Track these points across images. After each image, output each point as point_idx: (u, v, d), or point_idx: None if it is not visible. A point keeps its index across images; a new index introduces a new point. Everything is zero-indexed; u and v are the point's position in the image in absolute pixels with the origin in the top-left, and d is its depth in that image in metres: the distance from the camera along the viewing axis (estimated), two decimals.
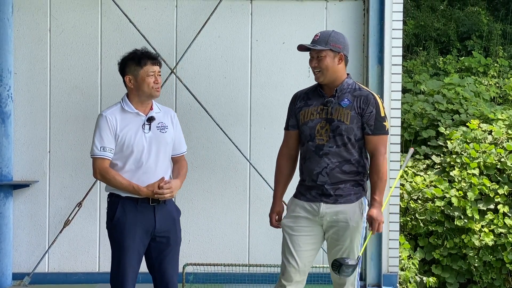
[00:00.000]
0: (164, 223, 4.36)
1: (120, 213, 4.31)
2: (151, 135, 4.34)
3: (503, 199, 6.91)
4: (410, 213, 7.07)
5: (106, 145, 4.29)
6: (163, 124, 4.39)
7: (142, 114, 4.35)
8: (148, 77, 4.31)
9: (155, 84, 4.32)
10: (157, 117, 4.38)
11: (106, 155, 4.29)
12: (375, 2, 5.85)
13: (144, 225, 4.31)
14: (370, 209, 4.21)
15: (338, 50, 4.22)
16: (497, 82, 9.44)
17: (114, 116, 4.33)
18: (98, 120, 4.36)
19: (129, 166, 4.31)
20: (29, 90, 5.94)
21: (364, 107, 4.21)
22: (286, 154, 4.43)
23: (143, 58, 4.35)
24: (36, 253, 5.95)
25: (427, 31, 11.55)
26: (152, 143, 4.33)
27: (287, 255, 4.29)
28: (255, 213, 5.91)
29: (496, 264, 6.86)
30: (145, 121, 4.34)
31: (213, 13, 5.85)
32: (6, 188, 5.82)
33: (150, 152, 4.32)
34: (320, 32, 4.29)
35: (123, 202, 4.32)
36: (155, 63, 4.35)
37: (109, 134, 4.29)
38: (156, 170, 4.35)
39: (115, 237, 4.35)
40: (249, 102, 5.98)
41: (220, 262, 5.87)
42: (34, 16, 5.93)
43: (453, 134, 7.51)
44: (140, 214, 4.31)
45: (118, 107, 4.38)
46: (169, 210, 4.42)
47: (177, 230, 4.48)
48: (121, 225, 4.30)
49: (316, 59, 4.22)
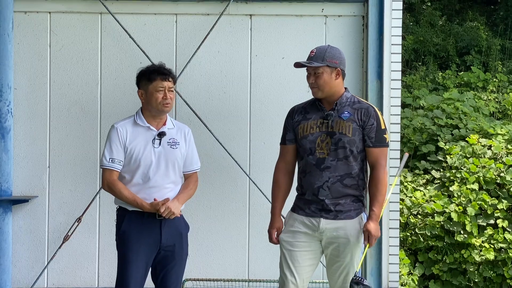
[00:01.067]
0: (170, 237, 4.37)
1: (126, 227, 4.35)
2: (161, 150, 4.36)
3: (503, 214, 6.90)
4: (410, 228, 7.06)
5: (115, 157, 4.34)
6: (174, 140, 4.41)
7: (153, 128, 4.39)
8: (156, 92, 4.35)
9: (163, 99, 4.34)
10: (169, 133, 4.41)
11: (114, 166, 4.34)
12: (374, 18, 5.87)
13: (149, 239, 4.33)
14: (368, 221, 4.20)
15: (334, 66, 4.23)
16: (496, 97, 9.46)
17: (125, 128, 4.37)
18: (109, 131, 4.42)
19: (136, 179, 4.35)
20: (29, 105, 5.94)
21: (365, 119, 4.22)
22: (283, 169, 4.42)
23: (153, 73, 4.39)
24: (35, 268, 5.93)
25: (426, 46, 11.59)
26: (161, 158, 4.36)
27: (285, 271, 4.27)
28: (255, 228, 5.89)
29: (496, 279, 6.84)
30: (156, 136, 4.36)
31: (212, 29, 5.87)
32: (5, 203, 5.81)
33: (158, 167, 4.34)
34: (315, 48, 4.30)
35: (129, 216, 4.36)
36: (166, 79, 4.37)
37: (119, 145, 4.34)
38: (164, 185, 4.37)
39: (121, 250, 4.39)
40: (249, 117, 5.99)
41: (220, 278, 5.85)
42: (34, 32, 5.95)
43: (453, 149, 7.52)
44: (146, 228, 4.32)
45: (131, 120, 4.44)
46: (176, 225, 4.42)
47: (184, 245, 4.48)
48: (127, 238, 4.34)
49: (313, 76, 4.23)
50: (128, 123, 4.42)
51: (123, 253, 4.36)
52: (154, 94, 4.34)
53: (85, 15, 5.95)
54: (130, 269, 4.31)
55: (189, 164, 4.54)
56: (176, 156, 4.40)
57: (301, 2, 5.97)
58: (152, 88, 4.36)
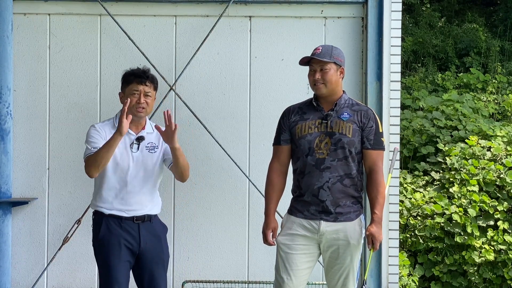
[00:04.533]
0: (149, 240, 4.36)
1: (105, 231, 4.31)
2: (139, 155, 4.33)
3: (503, 215, 6.90)
4: (410, 230, 7.06)
5: (98, 145, 4.25)
6: (153, 144, 4.38)
7: (132, 132, 4.34)
8: (131, 96, 4.30)
9: (136, 103, 4.29)
10: (147, 137, 4.37)
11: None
12: (373, 19, 5.87)
13: (128, 243, 4.31)
14: (371, 225, 4.20)
15: (340, 64, 4.26)
16: (496, 99, 9.46)
17: (104, 130, 4.34)
18: (88, 130, 4.37)
19: (113, 184, 4.31)
20: (28, 107, 5.94)
21: (365, 121, 4.23)
22: (277, 170, 4.40)
23: (130, 76, 4.36)
24: (35, 270, 5.93)
25: (425, 47, 11.59)
26: (138, 163, 4.32)
27: (282, 274, 4.26)
28: (255, 230, 5.89)
29: (496, 281, 6.84)
30: (134, 140, 4.33)
31: (212, 30, 5.87)
32: (5, 205, 5.81)
33: (136, 172, 4.31)
34: (321, 46, 4.31)
35: (106, 220, 4.33)
36: (141, 83, 4.32)
37: (99, 136, 4.28)
38: (140, 190, 4.35)
39: (101, 256, 4.34)
40: (248, 119, 5.99)
41: (219, 279, 5.85)
42: (33, 34, 5.94)
43: (452, 151, 7.52)
44: (124, 232, 4.31)
45: (110, 122, 4.40)
46: (154, 228, 4.41)
47: (163, 247, 4.46)
48: (107, 243, 4.30)
49: (319, 72, 4.23)
50: (106, 125, 4.38)
51: (104, 259, 4.31)
52: (130, 97, 4.27)
53: (84, 16, 5.95)
54: (114, 274, 4.26)
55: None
56: (153, 161, 4.36)
57: (301, 4, 5.97)
58: (128, 91, 4.33)
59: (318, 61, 4.23)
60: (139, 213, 4.34)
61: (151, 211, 4.41)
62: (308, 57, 4.27)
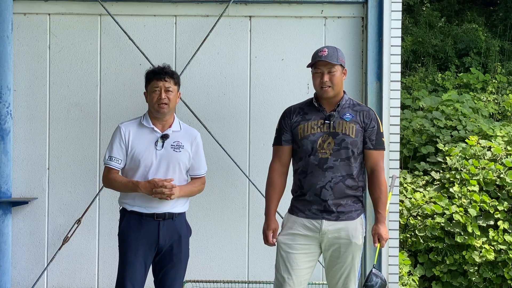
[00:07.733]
0: (168, 238, 4.38)
1: (125, 226, 4.40)
2: (163, 152, 4.37)
3: (503, 215, 6.90)
4: (410, 230, 7.06)
5: (114, 155, 4.40)
6: (179, 143, 4.42)
7: (157, 130, 4.41)
8: (152, 93, 4.39)
9: (158, 100, 4.35)
10: (173, 136, 4.42)
11: (112, 164, 4.39)
12: (373, 19, 5.87)
13: (147, 239, 4.34)
14: (376, 224, 4.25)
15: (343, 65, 4.27)
16: (496, 99, 9.47)
17: (128, 129, 4.41)
18: (114, 131, 4.47)
19: (136, 179, 4.35)
20: (28, 107, 5.94)
21: (368, 121, 4.25)
22: (278, 170, 4.40)
23: (150, 74, 4.45)
24: (35, 270, 5.93)
25: (425, 47, 11.60)
26: (162, 160, 4.36)
27: (283, 274, 4.25)
28: (255, 230, 5.88)
29: (496, 280, 6.84)
30: (159, 138, 4.37)
31: (212, 30, 5.87)
32: (5, 205, 5.81)
33: (158, 169, 4.36)
34: (326, 48, 4.28)
35: (128, 216, 4.40)
36: (161, 79, 4.39)
37: (119, 144, 4.38)
38: None
39: (121, 250, 4.42)
40: (248, 119, 5.99)
41: (219, 279, 5.85)
42: (33, 33, 5.94)
43: (452, 151, 7.52)
44: (144, 228, 4.34)
45: (137, 121, 4.48)
46: (177, 227, 4.42)
47: (183, 247, 4.47)
48: (125, 238, 4.38)
49: (327, 74, 4.21)
50: (133, 124, 4.45)
51: (123, 253, 4.39)
52: (151, 95, 4.39)
53: (84, 16, 5.94)
54: (128, 269, 4.33)
55: (196, 169, 4.57)
56: (178, 159, 4.40)
57: (301, 4, 5.97)
58: (150, 88, 4.41)
59: (325, 63, 4.20)
60: (159, 210, 4.36)
61: (173, 209, 4.41)
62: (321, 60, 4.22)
